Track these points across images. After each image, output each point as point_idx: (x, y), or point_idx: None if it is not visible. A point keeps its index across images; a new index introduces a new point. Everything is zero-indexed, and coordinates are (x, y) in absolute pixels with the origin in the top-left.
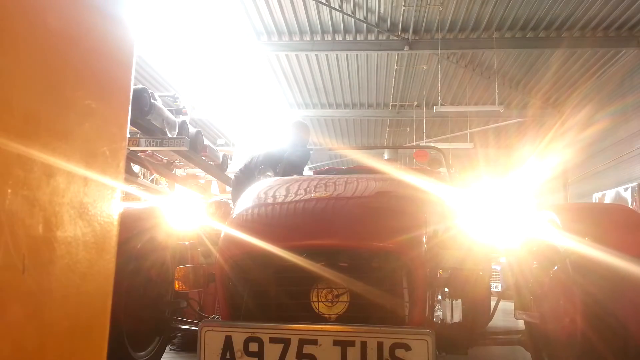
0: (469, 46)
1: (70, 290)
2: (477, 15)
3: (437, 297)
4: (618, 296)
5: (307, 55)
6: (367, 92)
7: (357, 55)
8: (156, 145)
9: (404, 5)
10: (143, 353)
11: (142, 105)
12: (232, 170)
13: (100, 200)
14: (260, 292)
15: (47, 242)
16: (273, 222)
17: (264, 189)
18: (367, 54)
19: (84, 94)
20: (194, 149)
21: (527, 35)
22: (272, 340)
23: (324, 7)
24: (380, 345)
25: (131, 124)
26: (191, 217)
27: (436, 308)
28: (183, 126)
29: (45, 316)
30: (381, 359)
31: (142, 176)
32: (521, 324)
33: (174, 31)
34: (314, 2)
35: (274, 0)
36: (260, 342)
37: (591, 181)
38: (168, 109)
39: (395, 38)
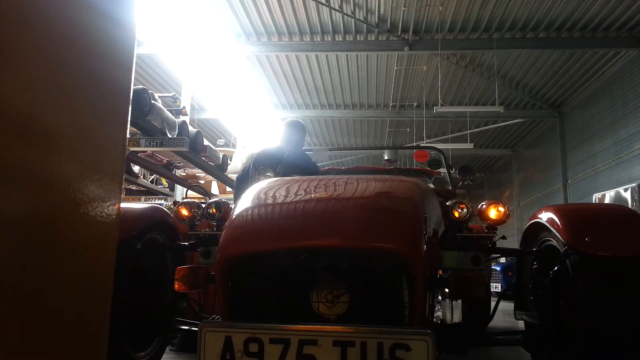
0: (469, 47)
1: (70, 290)
2: (477, 15)
3: (437, 297)
4: (618, 297)
5: (307, 56)
6: (367, 92)
7: (357, 55)
8: (156, 146)
9: (404, 6)
10: (143, 353)
11: (142, 105)
12: (232, 171)
13: (100, 200)
14: (260, 293)
15: (47, 242)
16: (273, 222)
17: (264, 189)
18: (367, 55)
19: (84, 94)
20: (194, 150)
21: (527, 36)
22: (272, 341)
23: (324, 7)
24: (380, 346)
25: (131, 124)
26: (191, 217)
27: (436, 308)
28: (183, 126)
29: (46, 316)
30: None
31: (142, 176)
32: (521, 324)
33: (177, 33)
34: (314, 2)
35: (274, 1)
36: (260, 342)
37: (591, 181)
38: (168, 110)
39: (395, 38)
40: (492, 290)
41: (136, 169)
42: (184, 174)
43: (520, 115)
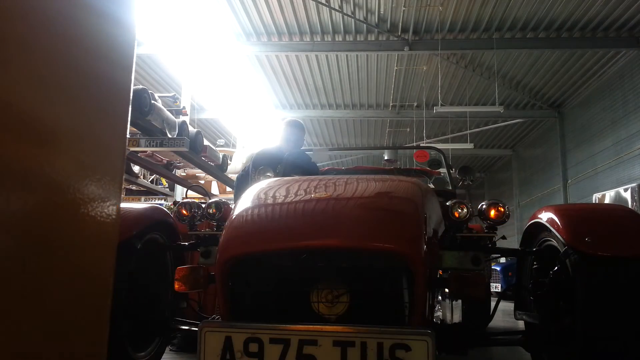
0: (469, 46)
1: (71, 290)
2: (477, 15)
3: (437, 297)
4: (618, 297)
5: (307, 56)
6: (367, 92)
7: (357, 55)
8: (156, 146)
9: (404, 6)
10: (143, 353)
11: (142, 105)
12: (232, 171)
13: (100, 200)
14: (260, 293)
15: (47, 242)
16: (273, 222)
17: (264, 189)
18: (367, 55)
19: (84, 94)
20: (194, 150)
21: (527, 36)
22: (272, 341)
23: (324, 7)
24: (380, 346)
25: (131, 124)
26: (191, 217)
27: (436, 308)
28: (183, 126)
29: (46, 316)
30: None
31: (142, 176)
32: (521, 324)
33: (177, 33)
34: (314, 2)
35: (274, 1)
36: (260, 342)
37: (591, 181)
38: (168, 110)
39: (395, 38)
40: (492, 290)
41: (136, 169)
42: (184, 174)
43: (520, 115)
